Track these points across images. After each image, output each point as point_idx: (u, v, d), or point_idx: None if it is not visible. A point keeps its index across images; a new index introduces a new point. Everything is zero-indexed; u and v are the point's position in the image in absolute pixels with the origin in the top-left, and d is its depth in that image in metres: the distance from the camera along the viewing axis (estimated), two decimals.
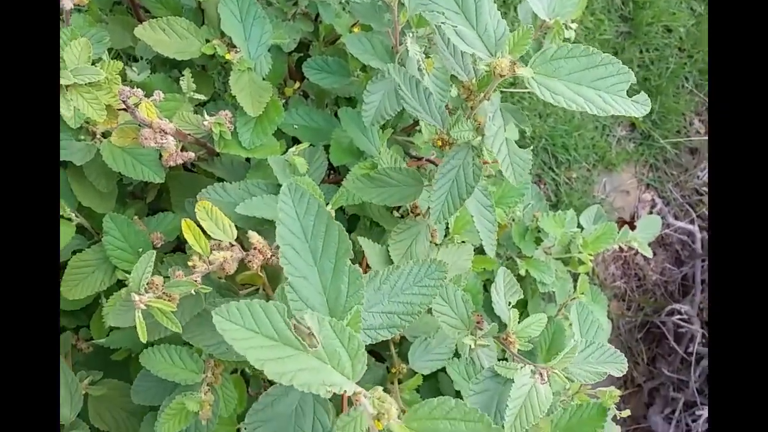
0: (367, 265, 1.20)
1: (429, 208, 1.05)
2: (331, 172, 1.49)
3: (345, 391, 0.66)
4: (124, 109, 0.95)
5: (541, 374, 0.96)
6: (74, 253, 1.21)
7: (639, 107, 0.86)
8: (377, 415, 0.67)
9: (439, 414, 0.68)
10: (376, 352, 1.45)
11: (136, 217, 1.21)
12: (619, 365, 1.02)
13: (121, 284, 1.18)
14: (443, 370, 1.35)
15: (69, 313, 1.33)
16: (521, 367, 0.96)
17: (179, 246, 1.30)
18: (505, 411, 0.94)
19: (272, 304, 0.66)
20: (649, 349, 2.78)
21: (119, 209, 1.27)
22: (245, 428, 0.82)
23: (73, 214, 1.19)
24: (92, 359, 1.35)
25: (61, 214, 1.17)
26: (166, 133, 0.98)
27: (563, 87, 0.86)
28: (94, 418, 1.26)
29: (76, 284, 1.18)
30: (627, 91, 0.86)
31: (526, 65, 0.86)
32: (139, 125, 0.99)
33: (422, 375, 1.32)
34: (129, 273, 1.06)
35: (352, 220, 1.40)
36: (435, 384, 1.47)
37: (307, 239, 0.77)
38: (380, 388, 0.70)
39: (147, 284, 0.90)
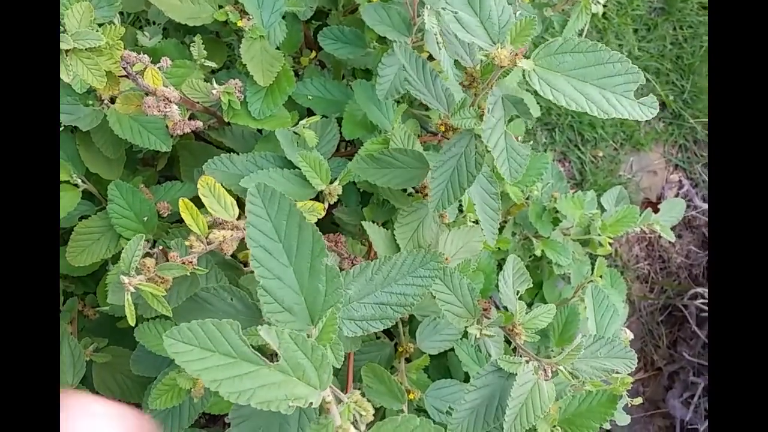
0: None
1: None
2: (348, 144, 1.46)
3: (311, 403, 0.64)
4: (125, 76, 0.92)
5: (545, 370, 0.93)
6: (81, 219, 1.20)
7: (645, 110, 0.81)
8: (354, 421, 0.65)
9: None
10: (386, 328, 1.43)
11: (142, 185, 1.19)
12: (628, 361, 0.99)
13: None
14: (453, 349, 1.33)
15: (76, 278, 1.32)
16: (525, 362, 0.93)
17: None
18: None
19: (226, 322, 0.64)
20: (670, 333, 2.74)
21: (129, 176, 1.26)
22: (229, 421, 0.81)
23: (80, 180, 1.17)
24: (99, 326, 1.35)
25: (67, 179, 1.16)
26: (170, 101, 0.95)
27: (565, 83, 0.81)
28: (98, 385, 1.26)
29: (82, 251, 1.17)
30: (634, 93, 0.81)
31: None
32: (144, 93, 0.96)
33: (431, 355, 1.30)
34: None
35: (364, 195, 1.38)
36: (444, 363, 1.45)
37: (281, 239, 0.75)
38: (357, 392, 0.68)
39: (138, 266, 0.88)
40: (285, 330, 0.65)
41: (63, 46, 0.86)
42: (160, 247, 1.03)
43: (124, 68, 0.89)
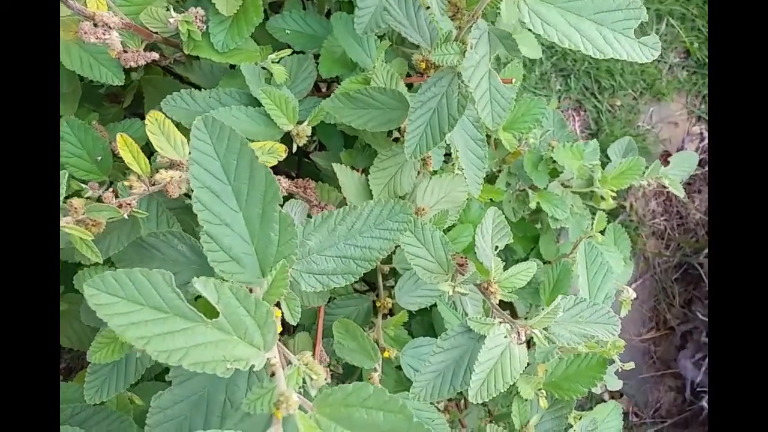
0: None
1: None
2: (330, 83, 1.36)
3: (253, 366, 0.56)
4: None
5: (518, 333, 0.84)
6: None
7: (646, 51, 0.73)
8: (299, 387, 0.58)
9: (355, 401, 0.57)
10: (368, 280, 1.35)
11: (96, 122, 1.10)
12: (610, 327, 0.90)
13: (76, 194, 1.08)
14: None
15: None
16: (497, 324, 0.84)
17: (149, 155, 1.20)
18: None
19: (157, 272, 0.56)
20: (685, 291, 2.64)
21: (89, 113, 1.18)
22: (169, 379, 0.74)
23: None
24: None
25: None
26: (110, 27, 0.86)
27: (558, 17, 0.72)
28: None
29: None
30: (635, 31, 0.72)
31: None
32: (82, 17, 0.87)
33: (414, 311, 1.22)
34: (85, 183, 0.98)
35: (349, 139, 1.28)
36: (428, 320, 1.37)
37: (230, 181, 0.67)
38: (308, 353, 0.60)
39: (66, 206, 0.80)
40: (225, 283, 0.57)
41: None
42: (112, 190, 0.95)
43: None
